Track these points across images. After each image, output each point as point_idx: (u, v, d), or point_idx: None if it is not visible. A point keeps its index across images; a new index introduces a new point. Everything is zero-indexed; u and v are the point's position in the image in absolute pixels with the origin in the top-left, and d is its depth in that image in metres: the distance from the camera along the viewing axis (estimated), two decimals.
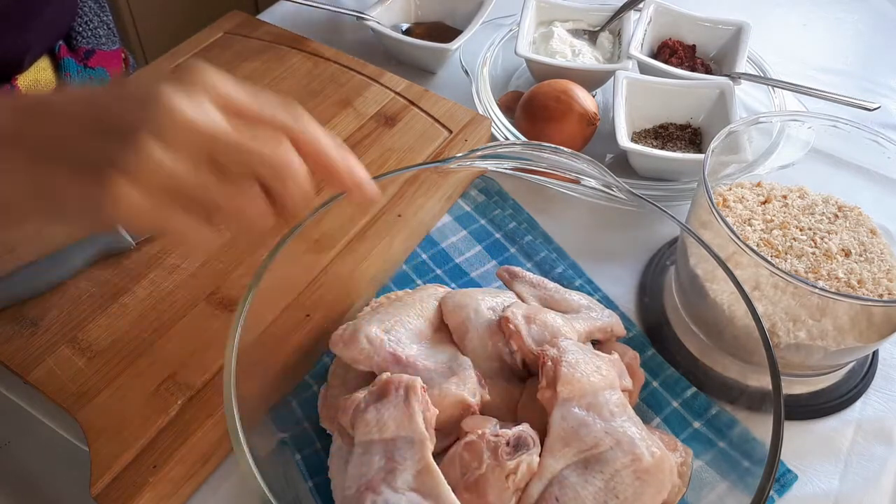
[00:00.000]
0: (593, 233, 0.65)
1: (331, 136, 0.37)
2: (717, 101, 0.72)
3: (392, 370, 0.45)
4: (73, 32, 0.70)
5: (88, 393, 0.49)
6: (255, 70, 0.76)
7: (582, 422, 0.42)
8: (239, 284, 0.56)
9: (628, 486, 0.41)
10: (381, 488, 0.39)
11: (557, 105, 0.67)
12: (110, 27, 0.74)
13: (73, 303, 0.54)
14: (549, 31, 0.81)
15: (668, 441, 0.45)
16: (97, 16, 0.72)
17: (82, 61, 0.70)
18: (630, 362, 0.50)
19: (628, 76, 0.73)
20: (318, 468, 0.46)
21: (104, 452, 0.46)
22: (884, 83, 0.86)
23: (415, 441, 0.40)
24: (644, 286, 0.61)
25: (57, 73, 0.69)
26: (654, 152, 0.67)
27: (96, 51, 0.71)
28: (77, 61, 0.70)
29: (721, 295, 0.52)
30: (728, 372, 0.53)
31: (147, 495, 0.45)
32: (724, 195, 0.58)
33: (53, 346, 0.51)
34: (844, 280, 0.52)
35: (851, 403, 0.55)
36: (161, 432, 0.48)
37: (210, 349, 0.52)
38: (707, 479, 0.46)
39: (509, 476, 0.40)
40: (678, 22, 0.82)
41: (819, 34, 0.95)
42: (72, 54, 0.70)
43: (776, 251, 0.54)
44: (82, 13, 0.70)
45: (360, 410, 0.42)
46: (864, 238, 0.55)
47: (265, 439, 0.47)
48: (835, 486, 0.50)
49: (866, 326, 0.49)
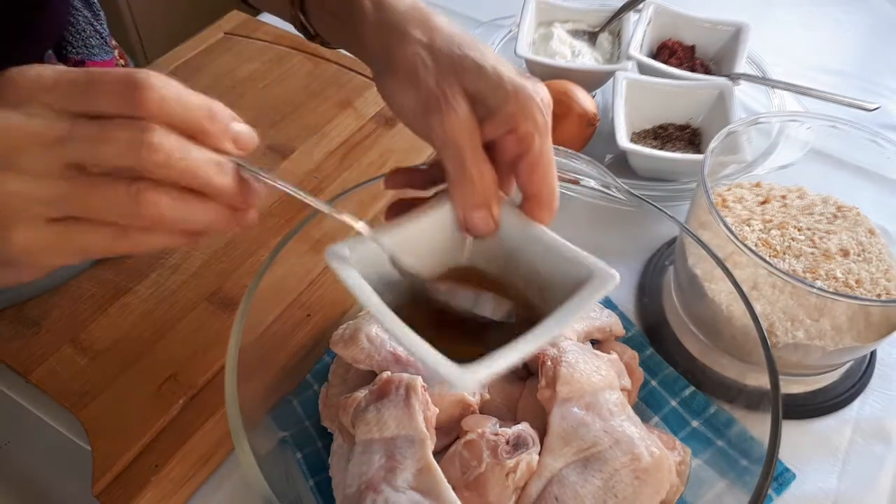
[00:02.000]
0: (592, 233, 0.65)
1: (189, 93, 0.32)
2: (717, 102, 0.72)
3: (392, 369, 0.45)
4: (65, 42, 0.70)
5: (90, 392, 0.49)
6: (256, 71, 0.76)
7: (581, 421, 0.42)
8: (240, 284, 0.56)
9: (627, 486, 0.41)
10: (381, 487, 0.39)
11: (557, 106, 0.67)
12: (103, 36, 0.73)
13: (74, 302, 0.54)
14: (549, 32, 0.81)
15: (666, 440, 0.46)
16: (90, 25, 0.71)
17: None
18: (629, 362, 0.50)
19: (628, 77, 0.73)
20: (318, 467, 0.47)
21: (106, 452, 0.46)
22: (883, 84, 0.86)
23: (415, 440, 0.40)
24: (643, 286, 0.61)
25: None
26: (654, 153, 0.67)
27: (87, 62, 0.71)
28: None
29: (719, 295, 0.52)
30: (726, 371, 0.53)
31: (149, 494, 0.45)
32: (723, 195, 0.59)
33: (55, 346, 0.52)
34: (843, 280, 0.52)
35: (849, 403, 0.55)
36: (163, 431, 0.48)
37: (211, 349, 0.52)
38: (705, 477, 0.47)
39: (509, 475, 0.40)
40: (677, 23, 0.82)
41: (818, 35, 0.95)
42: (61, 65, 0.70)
43: (774, 251, 0.54)
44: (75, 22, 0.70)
45: (361, 409, 0.42)
46: (863, 238, 0.55)
47: (266, 438, 0.47)
48: (833, 485, 0.50)
49: (864, 326, 0.49)
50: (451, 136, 0.35)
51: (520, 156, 0.37)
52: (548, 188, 0.38)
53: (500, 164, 0.38)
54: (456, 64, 0.37)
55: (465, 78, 0.36)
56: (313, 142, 0.69)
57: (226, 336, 0.41)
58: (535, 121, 0.36)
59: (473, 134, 0.36)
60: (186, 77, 0.75)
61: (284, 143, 0.69)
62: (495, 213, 0.38)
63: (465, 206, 0.37)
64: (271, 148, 0.68)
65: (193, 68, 0.76)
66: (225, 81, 0.74)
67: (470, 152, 0.36)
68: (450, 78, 0.36)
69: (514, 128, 0.36)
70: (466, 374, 0.31)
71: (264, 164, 0.67)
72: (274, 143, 0.69)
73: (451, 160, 0.36)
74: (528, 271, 0.39)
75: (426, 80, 0.36)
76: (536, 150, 0.37)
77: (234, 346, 0.41)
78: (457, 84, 0.36)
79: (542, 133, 0.37)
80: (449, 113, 0.35)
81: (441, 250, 0.39)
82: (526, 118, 0.36)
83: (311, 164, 0.67)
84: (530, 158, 0.37)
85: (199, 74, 0.75)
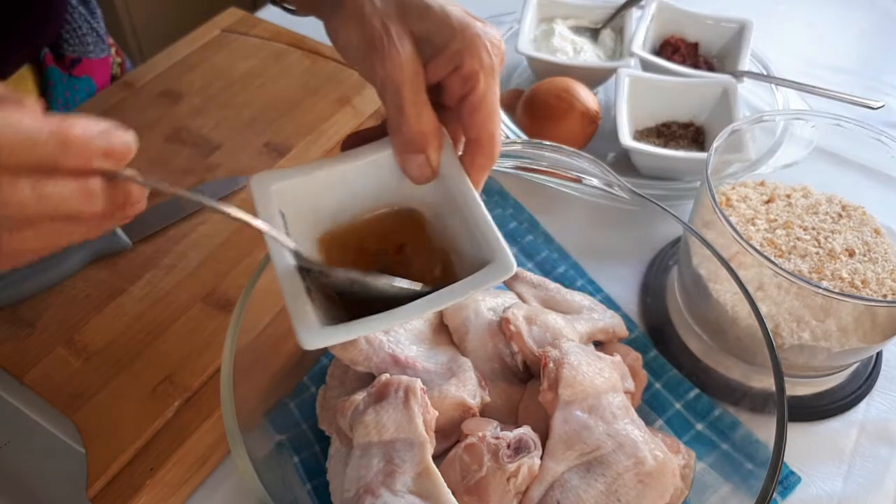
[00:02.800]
0: (595, 232, 0.65)
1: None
2: (721, 100, 0.71)
3: (391, 371, 0.44)
4: (60, 40, 0.69)
5: (84, 394, 0.49)
6: (253, 68, 0.75)
7: (584, 424, 0.42)
8: (236, 285, 0.56)
9: (630, 490, 0.40)
10: (380, 491, 0.38)
11: (559, 103, 0.67)
12: (100, 34, 0.73)
13: (69, 304, 0.54)
14: (551, 29, 0.80)
15: (670, 443, 0.45)
16: (87, 22, 0.71)
17: (67, 70, 0.70)
18: (632, 364, 0.49)
19: (630, 74, 0.72)
20: (316, 471, 0.46)
21: (100, 454, 0.46)
22: (888, 82, 0.85)
23: (414, 443, 0.40)
24: (646, 286, 0.61)
25: (40, 82, 0.68)
26: (657, 151, 0.67)
27: (83, 59, 0.71)
28: (62, 70, 0.69)
29: (724, 295, 0.52)
30: (731, 373, 0.52)
31: (144, 498, 0.45)
32: (727, 194, 0.58)
33: (49, 348, 0.51)
34: (848, 280, 0.51)
35: (855, 405, 0.54)
36: (158, 434, 0.47)
37: (207, 350, 0.51)
38: (710, 481, 0.46)
39: (510, 479, 0.40)
40: (681, 19, 0.81)
41: (823, 32, 0.94)
42: (57, 63, 0.69)
43: (780, 251, 0.53)
44: (71, 19, 0.69)
45: (359, 412, 0.42)
46: (869, 238, 0.55)
47: (263, 441, 0.46)
48: (838, 488, 0.50)
49: (870, 327, 0.49)
50: (391, 75, 0.35)
51: (464, 96, 0.36)
52: (488, 132, 0.37)
53: (448, 107, 0.37)
54: (403, 4, 0.36)
55: (411, 17, 0.36)
56: (311, 140, 0.68)
57: (221, 337, 0.41)
58: (481, 59, 0.35)
59: (415, 75, 0.35)
60: (183, 74, 0.74)
61: (282, 141, 0.68)
62: (433, 159, 0.37)
63: (401, 149, 0.37)
64: (268, 146, 0.67)
65: (190, 65, 0.75)
66: (222, 79, 0.74)
67: (410, 94, 0.35)
68: (395, 18, 0.36)
69: (460, 65, 0.35)
70: (316, 335, 0.32)
71: (263, 163, 0.66)
72: (271, 141, 0.68)
73: (390, 101, 0.36)
74: (452, 232, 0.39)
75: (371, 19, 0.36)
76: (481, 90, 0.36)
77: (230, 347, 0.40)
78: (402, 24, 0.36)
79: (488, 73, 0.36)
80: (391, 52, 0.35)
81: (379, 190, 0.39)
82: (472, 55, 0.35)
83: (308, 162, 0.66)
84: (474, 98, 0.36)
85: (196, 72, 0.75)
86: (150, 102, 0.71)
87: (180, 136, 0.68)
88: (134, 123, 0.32)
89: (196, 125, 0.69)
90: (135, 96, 0.72)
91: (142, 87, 0.73)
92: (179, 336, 0.52)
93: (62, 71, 0.69)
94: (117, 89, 0.73)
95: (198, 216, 0.60)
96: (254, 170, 0.65)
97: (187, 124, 0.69)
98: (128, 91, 0.72)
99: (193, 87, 0.73)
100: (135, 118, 0.69)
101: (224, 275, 0.56)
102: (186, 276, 0.56)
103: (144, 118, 0.69)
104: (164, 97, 0.72)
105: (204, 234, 0.59)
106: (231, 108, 0.71)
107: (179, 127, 0.69)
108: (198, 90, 0.72)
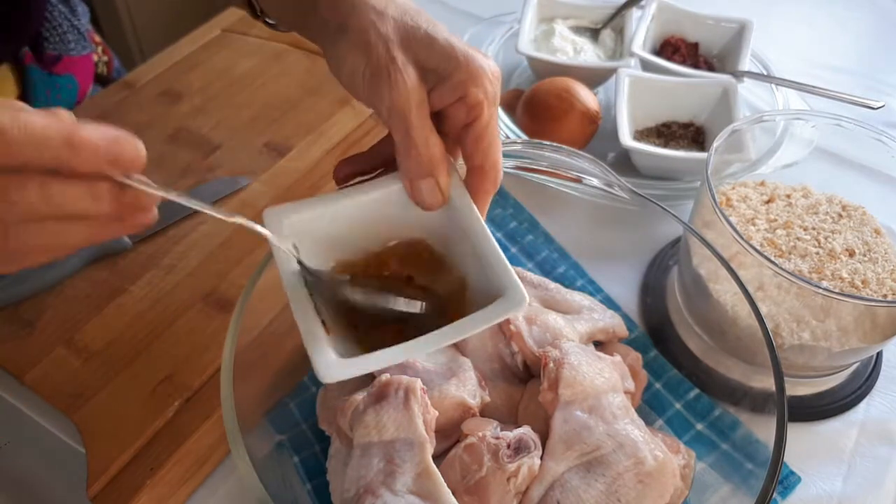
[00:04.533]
0: (595, 232, 0.65)
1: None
2: (721, 100, 0.71)
3: (391, 371, 0.44)
4: (40, 38, 0.69)
5: (84, 394, 0.49)
6: (253, 68, 0.75)
7: (584, 424, 0.42)
8: (236, 285, 0.56)
9: (631, 490, 0.40)
10: (380, 491, 0.38)
11: (559, 103, 0.67)
12: (81, 32, 0.72)
13: (69, 303, 0.54)
14: (551, 29, 0.80)
15: (670, 443, 0.45)
16: (67, 20, 0.70)
17: (48, 68, 0.69)
18: (632, 364, 0.49)
19: (630, 74, 0.72)
20: (316, 470, 0.46)
21: (100, 454, 0.46)
22: (888, 81, 0.85)
23: (414, 443, 0.40)
24: (646, 286, 0.61)
25: (20, 80, 0.68)
26: (657, 151, 0.67)
27: (64, 57, 0.70)
28: (42, 68, 0.69)
29: (724, 295, 0.52)
30: (731, 373, 0.52)
31: (144, 497, 0.45)
32: (727, 194, 0.58)
33: (49, 348, 0.51)
34: (848, 280, 0.51)
35: (855, 405, 0.54)
36: (158, 434, 0.47)
37: (207, 350, 0.51)
38: (710, 481, 0.46)
39: (510, 479, 0.40)
40: (681, 19, 0.81)
41: (823, 32, 0.94)
42: (37, 61, 0.69)
43: (780, 251, 0.53)
44: (51, 17, 0.69)
45: (359, 412, 0.42)
46: (869, 238, 0.55)
47: (263, 441, 0.46)
48: (838, 488, 0.50)
49: (870, 327, 0.49)
50: (398, 103, 0.35)
51: (468, 125, 0.37)
52: (491, 160, 0.38)
53: (449, 136, 0.38)
54: (408, 33, 0.37)
55: (416, 47, 0.36)
56: (311, 139, 0.68)
57: (221, 337, 0.41)
58: (486, 89, 0.36)
59: (421, 103, 0.36)
60: (183, 74, 0.74)
61: (282, 140, 0.68)
62: (443, 183, 0.38)
63: (411, 175, 0.37)
64: (268, 146, 0.67)
65: (190, 65, 0.75)
66: (222, 79, 0.74)
67: (416, 120, 0.36)
68: (401, 46, 0.36)
69: (464, 95, 0.36)
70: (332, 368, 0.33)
71: (263, 162, 0.66)
72: (271, 140, 0.68)
73: (398, 128, 0.36)
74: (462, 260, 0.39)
75: (377, 47, 0.36)
76: (485, 119, 0.37)
77: (230, 347, 0.40)
78: (407, 52, 0.36)
79: (491, 102, 0.37)
80: (398, 79, 0.35)
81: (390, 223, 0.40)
82: (476, 86, 0.36)
83: (309, 163, 0.66)
84: (477, 127, 0.37)
85: (196, 72, 0.75)
86: (150, 102, 0.71)
87: (180, 136, 0.68)
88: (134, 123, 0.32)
89: (196, 125, 0.69)
90: (135, 96, 0.72)
91: (142, 87, 0.73)
92: (179, 336, 0.52)
93: (43, 69, 0.69)
94: (117, 89, 0.73)
95: (198, 216, 0.60)
96: (254, 170, 0.65)
97: (187, 124, 0.69)
98: (128, 91, 0.72)
99: (193, 87, 0.73)
100: (135, 118, 0.69)
101: (224, 275, 0.56)
102: (186, 276, 0.56)
103: (144, 118, 0.69)
104: (164, 97, 0.72)
105: (204, 234, 0.59)
106: (231, 108, 0.71)
107: (179, 127, 0.69)
108: (198, 90, 0.72)
